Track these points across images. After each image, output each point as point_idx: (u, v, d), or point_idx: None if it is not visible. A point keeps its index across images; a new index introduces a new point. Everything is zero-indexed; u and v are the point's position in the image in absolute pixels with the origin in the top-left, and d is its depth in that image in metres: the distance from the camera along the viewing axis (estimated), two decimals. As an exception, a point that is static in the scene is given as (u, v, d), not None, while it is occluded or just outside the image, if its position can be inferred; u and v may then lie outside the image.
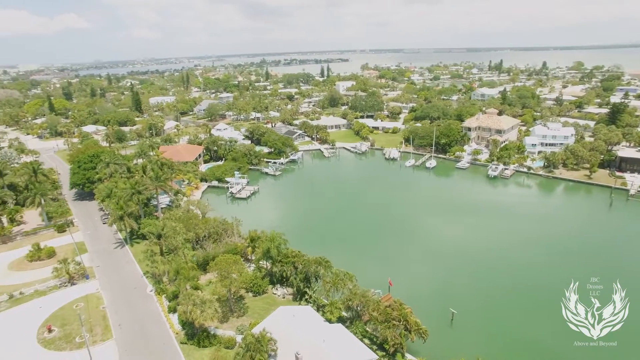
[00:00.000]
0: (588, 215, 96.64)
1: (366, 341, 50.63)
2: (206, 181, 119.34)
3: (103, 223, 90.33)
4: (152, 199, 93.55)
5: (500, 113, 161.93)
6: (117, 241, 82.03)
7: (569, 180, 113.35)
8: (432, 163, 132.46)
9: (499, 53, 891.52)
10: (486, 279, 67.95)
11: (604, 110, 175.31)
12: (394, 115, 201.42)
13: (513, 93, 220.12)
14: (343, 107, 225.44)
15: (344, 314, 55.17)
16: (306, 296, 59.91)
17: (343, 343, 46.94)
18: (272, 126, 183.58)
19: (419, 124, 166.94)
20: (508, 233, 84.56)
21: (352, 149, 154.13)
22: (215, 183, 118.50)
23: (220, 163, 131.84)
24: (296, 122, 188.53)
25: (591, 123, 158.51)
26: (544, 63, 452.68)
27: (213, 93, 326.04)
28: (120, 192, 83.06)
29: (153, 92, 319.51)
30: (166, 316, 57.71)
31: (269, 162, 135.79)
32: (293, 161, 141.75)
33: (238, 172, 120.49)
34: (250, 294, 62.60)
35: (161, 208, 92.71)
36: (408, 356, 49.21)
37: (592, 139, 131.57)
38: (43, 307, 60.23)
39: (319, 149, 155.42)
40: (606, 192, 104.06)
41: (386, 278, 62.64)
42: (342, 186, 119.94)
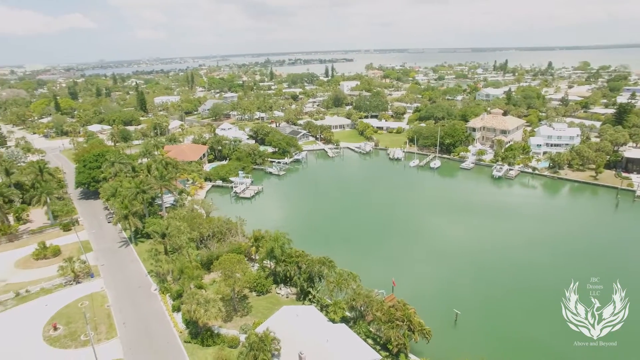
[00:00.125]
0: (593, 216, 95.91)
1: (369, 341, 50.63)
2: (210, 181, 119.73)
3: (108, 222, 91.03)
4: (157, 198, 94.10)
5: (505, 113, 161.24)
6: (122, 240, 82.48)
7: (575, 181, 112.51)
8: (437, 163, 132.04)
9: (504, 53, 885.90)
10: (490, 280, 67.79)
11: (610, 110, 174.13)
12: (398, 115, 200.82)
13: (518, 93, 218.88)
14: (347, 107, 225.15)
15: (348, 314, 55.13)
16: (310, 296, 60.02)
17: (346, 343, 46.93)
18: (277, 126, 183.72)
19: (424, 124, 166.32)
20: (512, 234, 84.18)
21: (356, 149, 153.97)
22: (219, 182, 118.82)
23: (224, 162, 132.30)
24: (300, 122, 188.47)
25: (597, 123, 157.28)
26: (550, 63, 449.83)
27: (217, 93, 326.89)
28: (125, 191, 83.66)
29: (158, 92, 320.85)
30: (170, 315, 57.97)
31: (273, 162, 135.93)
32: (297, 161, 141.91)
33: (242, 172, 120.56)
34: (254, 294, 62.76)
35: (165, 207, 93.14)
36: (411, 356, 49.16)
37: (598, 140, 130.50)
38: (49, 305, 60.67)
39: (323, 149, 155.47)
40: (612, 193, 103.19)
41: (390, 278, 62.70)
42: (346, 186, 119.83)
